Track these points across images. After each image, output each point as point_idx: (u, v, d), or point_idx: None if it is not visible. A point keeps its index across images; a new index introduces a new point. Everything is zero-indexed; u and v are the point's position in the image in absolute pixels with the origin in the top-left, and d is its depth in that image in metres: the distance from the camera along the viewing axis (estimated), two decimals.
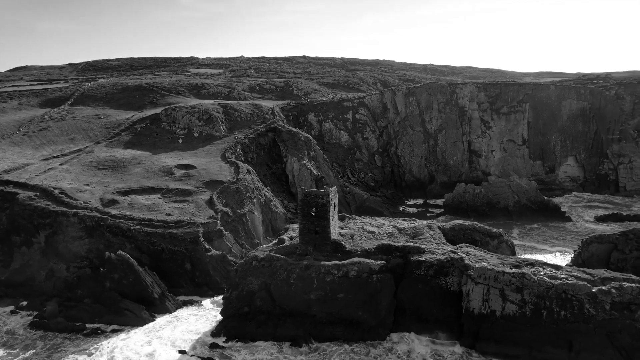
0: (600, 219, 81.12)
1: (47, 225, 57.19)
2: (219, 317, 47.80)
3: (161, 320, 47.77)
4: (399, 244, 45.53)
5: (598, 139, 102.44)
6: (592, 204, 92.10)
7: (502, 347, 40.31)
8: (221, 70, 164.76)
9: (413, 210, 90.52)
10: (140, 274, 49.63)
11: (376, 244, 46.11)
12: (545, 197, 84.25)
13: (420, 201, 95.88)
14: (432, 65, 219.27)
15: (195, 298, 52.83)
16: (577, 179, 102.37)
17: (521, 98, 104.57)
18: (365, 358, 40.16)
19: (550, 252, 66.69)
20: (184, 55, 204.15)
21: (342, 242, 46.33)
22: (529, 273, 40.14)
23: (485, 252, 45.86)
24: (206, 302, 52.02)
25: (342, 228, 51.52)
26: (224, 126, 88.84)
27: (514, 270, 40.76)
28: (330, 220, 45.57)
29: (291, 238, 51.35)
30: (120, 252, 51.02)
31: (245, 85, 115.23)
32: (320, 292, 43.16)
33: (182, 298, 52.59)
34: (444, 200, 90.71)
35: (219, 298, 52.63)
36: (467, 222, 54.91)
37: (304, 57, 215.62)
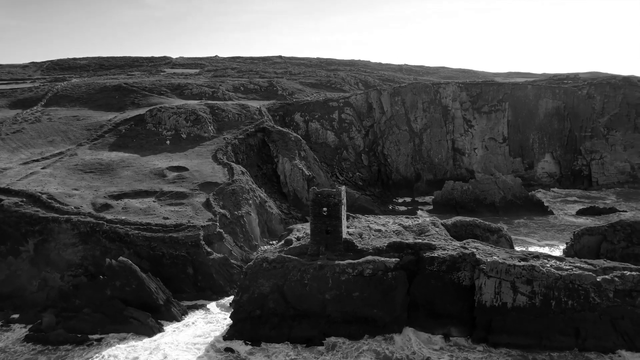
0: (580, 213, 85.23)
1: (36, 233, 54.35)
2: (228, 321, 46.93)
3: (169, 326, 46.36)
4: (411, 241, 46.22)
5: (572, 136, 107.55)
6: (569, 199, 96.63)
7: (513, 338, 41.66)
8: (197, 70, 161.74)
9: (402, 208, 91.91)
10: (144, 280, 47.99)
11: (387, 241, 46.59)
12: (530, 193, 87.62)
13: (409, 199, 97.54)
14: (407, 65, 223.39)
15: (200, 302, 51.61)
16: (554, 175, 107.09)
17: (501, 97, 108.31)
18: (381, 352, 40.42)
19: (539, 245, 69.36)
20: (151, 55, 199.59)
21: (354, 241, 46.54)
22: (538, 265, 41.72)
23: (492, 246, 47.30)
24: (212, 306, 50.94)
25: (348, 227, 51.71)
26: (212, 127, 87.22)
27: (524, 263, 42.24)
28: (342, 219, 45.67)
29: (298, 239, 51.08)
30: (121, 258, 49.13)
31: (229, 85, 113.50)
32: (335, 291, 43.18)
33: (185, 303, 51.19)
34: (432, 197, 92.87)
35: (225, 301, 51.79)
36: (468, 218, 56.41)
37: (280, 57, 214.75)
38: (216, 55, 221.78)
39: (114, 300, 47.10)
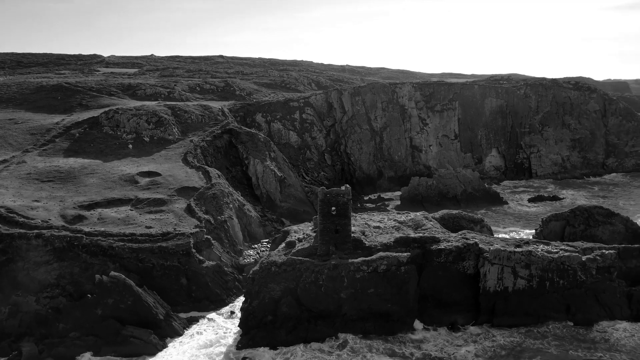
0: (530, 201, 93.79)
1: None
2: (235, 330, 45.25)
3: (174, 342, 43.41)
4: (416, 235, 47.82)
5: (514, 132, 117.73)
6: (517, 190, 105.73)
7: (515, 319, 44.94)
8: (136, 70, 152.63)
9: (370, 205, 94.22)
10: (141, 295, 44.42)
11: (392, 237, 47.75)
12: (487, 185, 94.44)
13: (374, 196, 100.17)
14: (349, 66, 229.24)
15: (199, 314, 48.80)
16: (500, 168, 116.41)
17: (451, 97, 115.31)
18: (397, 351, 41.11)
19: (504, 233, 75.13)
20: (78, 52, 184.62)
21: (362, 239, 47.08)
22: (534, 250, 45.40)
23: (486, 236, 50.46)
24: (213, 316, 48.49)
25: None
26: (176, 129, 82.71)
27: (520, 249, 45.70)
28: (350, 218, 46.00)
29: (299, 240, 50.47)
30: (113, 273, 45.03)
31: (184, 85, 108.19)
32: (350, 289, 43.38)
33: (183, 316, 48.20)
34: (394, 193, 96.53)
35: (224, 310, 49.81)
36: (454, 211, 59.58)
37: (221, 56, 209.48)
38: (152, 55, 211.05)
39: (109, 319, 43.03)
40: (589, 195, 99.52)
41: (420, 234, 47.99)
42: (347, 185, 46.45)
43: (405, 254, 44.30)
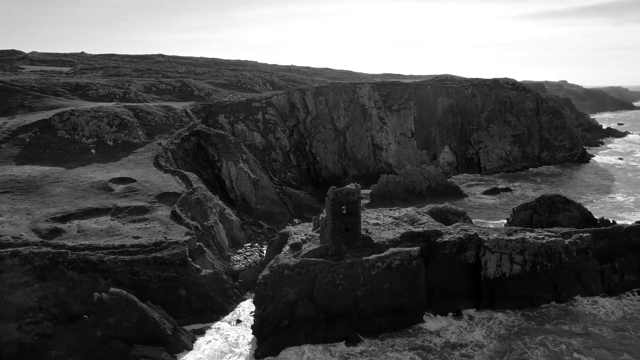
0: (485, 193, 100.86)
1: None
2: (248, 338, 43.79)
3: (185, 357, 40.86)
4: (420, 229, 49.51)
5: (463, 129, 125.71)
6: (471, 183, 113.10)
7: (512, 302, 48.41)
8: (69, 68, 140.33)
9: None
10: (147, 311, 41.25)
11: (398, 233, 49.01)
12: (449, 180, 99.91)
13: None
14: (294, 66, 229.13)
15: (203, 325, 46.32)
16: (452, 164, 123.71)
17: (407, 96, 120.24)
18: (417, 345, 42.27)
19: (472, 224, 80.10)
20: None
21: (370, 236, 47.75)
22: (527, 237, 49.18)
23: (480, 227, 53.56)
24: (219, 326, 46.34)
25: None
26: (141, 132, 77.36)
27: (515, 237, 49.27)
28: (360, 216, 46.46)
29: (304, 241, 49.97)
30: (113, 289, 41.28)
31: (139, 85, 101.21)
32: (366, 287, 43.84)
33: (187, 328, 45.45)
34: (362, 191, 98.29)
35: (229, 318, 48.02)
36: (440, 205, 62.36)
37: (161, 55, 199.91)
38: (83, 52, 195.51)
39: (112, 341, 39.42)
40: (534, 186, 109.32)
41: (424, 228, 49.80)
42: (357, 184, 46.88)
43: (416, 248, 45.75)
